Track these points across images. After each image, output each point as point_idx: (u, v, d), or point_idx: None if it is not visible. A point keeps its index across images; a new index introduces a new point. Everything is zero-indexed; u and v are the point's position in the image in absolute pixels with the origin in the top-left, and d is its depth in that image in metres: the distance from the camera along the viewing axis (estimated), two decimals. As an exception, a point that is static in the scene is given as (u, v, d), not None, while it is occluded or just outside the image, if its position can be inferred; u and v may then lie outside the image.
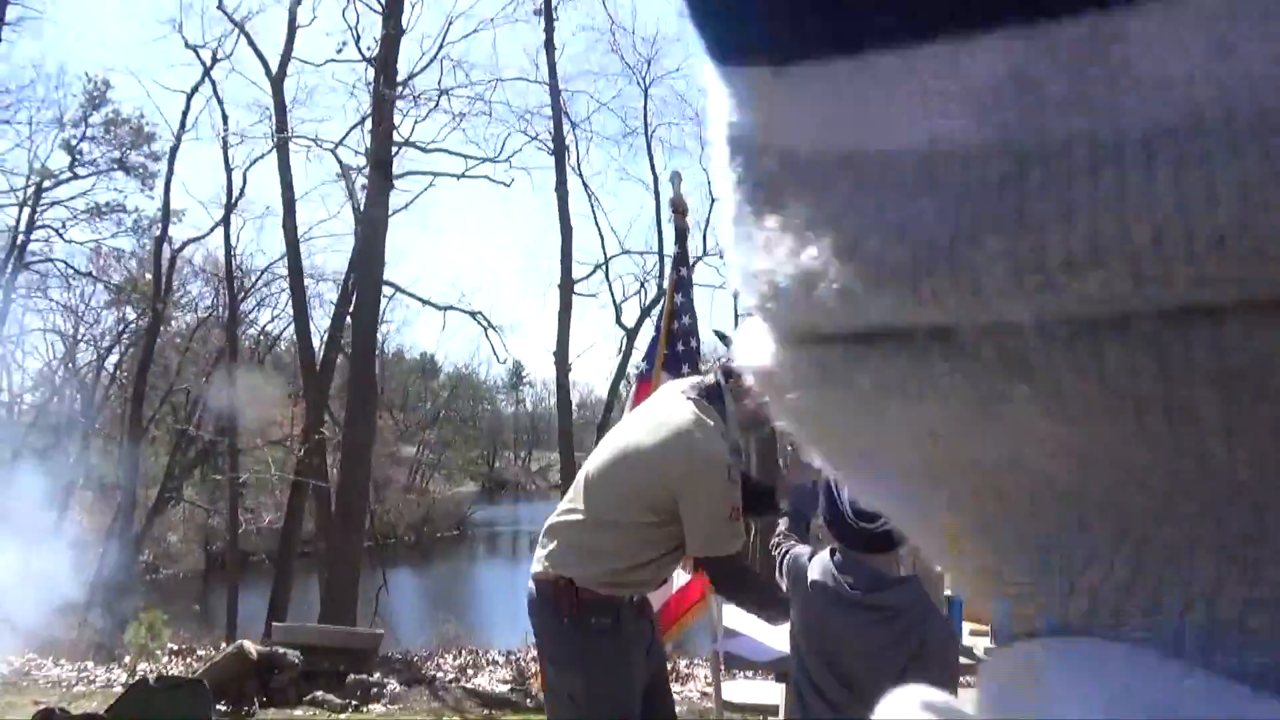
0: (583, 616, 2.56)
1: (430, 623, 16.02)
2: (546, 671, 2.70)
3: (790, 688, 3.58)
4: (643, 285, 19.45)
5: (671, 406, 2.66)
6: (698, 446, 2.44)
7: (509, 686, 6.72)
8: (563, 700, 2.64)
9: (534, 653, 8.33)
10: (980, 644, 2.95)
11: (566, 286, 12.55)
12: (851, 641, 2.01)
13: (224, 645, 7.71)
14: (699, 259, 16.33)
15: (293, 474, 13.91)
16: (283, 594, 13.77)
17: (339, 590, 11.17)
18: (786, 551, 2.30)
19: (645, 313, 19.19)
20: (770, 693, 3.99)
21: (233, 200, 15.31)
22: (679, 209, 3.62)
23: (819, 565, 2.09)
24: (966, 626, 3.04)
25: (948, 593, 3.09)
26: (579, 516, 2.64)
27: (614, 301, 18.69)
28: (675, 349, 3.55)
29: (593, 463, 2.72)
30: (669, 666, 3.10)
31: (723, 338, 3.05)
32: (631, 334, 18.61)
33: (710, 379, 2.70)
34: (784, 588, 2.26)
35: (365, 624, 12.49)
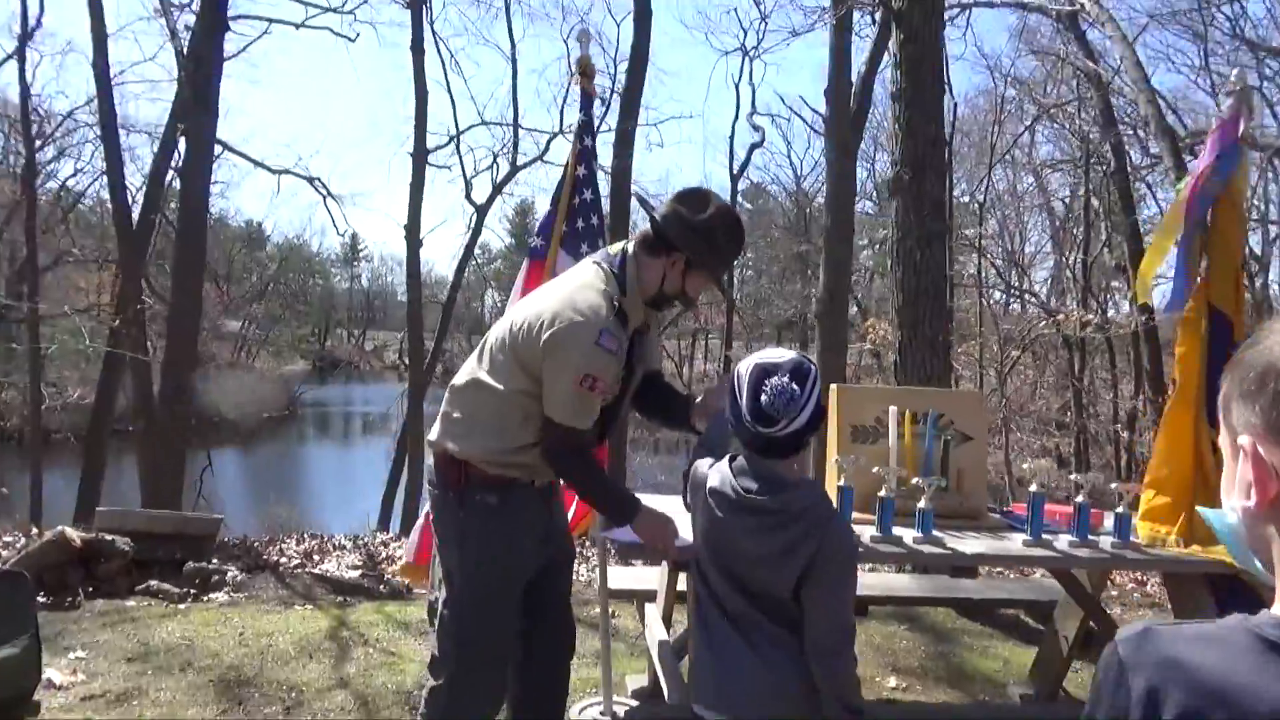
0: (468, 491, 2.44)
1: (258, 507, 15.39)
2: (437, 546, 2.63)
3: (670, 574, 3.56)
4: (495, 160, 18.66)
5: (575, 271, 2.56)
6: (573, 305, 2.33)
7: (359, 572, 6.49)
8: (444, 577, 2.56)
9: (383, 537, 8.12)
10: (866, 532, 2.97)
11: (420, 155, 11.77)
12: (746, 546, 1.93)
13: (34, 532, 7.05)
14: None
15: (106, 345, 12.72)
16: (94, 476, 12.77)
17: (163, 473, 10.45)
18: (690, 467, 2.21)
19: (497, 190, 18.53)
20: (648, 578, 3.98)
21: (28, 29, 13.31)
22: (585, 71, 3.31)
23: (718, 472, 2.01)
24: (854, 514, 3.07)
25: (841, 483, 3.10)
26: (468, 380, 2.52)
27: (464, 176, 17.87)
28: (575, 225, 3.31)
29: (494, 330, 2.57)
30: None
31: (645, 203, 2.86)
32: (482, 211, 17.95)
33: (618, 246, 2.54)
34: (686, 500, 2.15)
35: (188, 509, 11.82)
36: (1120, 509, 3.12)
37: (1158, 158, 15.10)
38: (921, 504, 3.05)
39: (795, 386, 1.88)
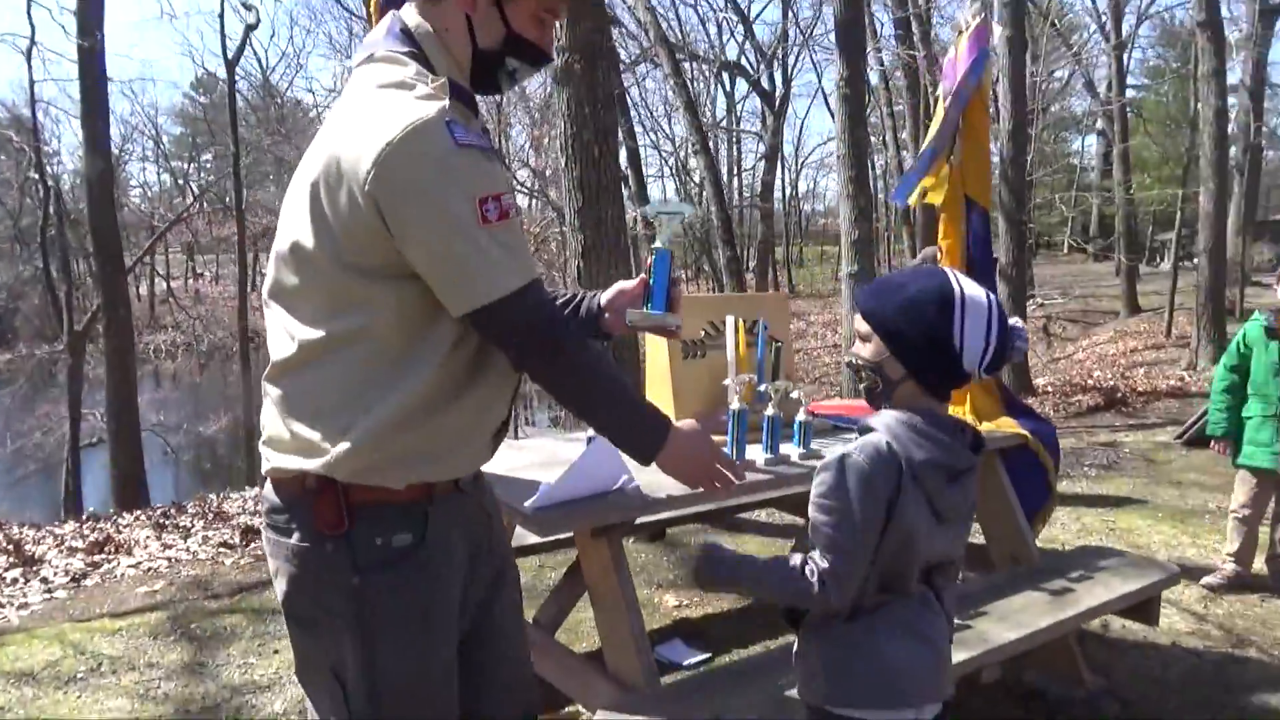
0: (359, 533, 1.44)
1: None
2: (292, 634, 1.54)
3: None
4: None
5: (347, 94, 1.49)
6: (378, 116, 1.37)
7: None
8: (321, 685, 1.51)
9: None
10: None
11: None
12: (954, 514, 1.58)
13: None
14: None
15: None
16: None
17: None
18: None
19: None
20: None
21: None
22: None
23: (907, 438, 1.49)
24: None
25: (735, 406, 2.78)
26: (295, 340, 1.45)
27: None
28: None
29: (276, 253, 1.49)
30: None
31: None
32: None
33: (381, 26, 1.54)
34: (837, 509, 1.49)
35: None
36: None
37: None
38: (800, 416, 2.88)
39: None
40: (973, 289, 1.52)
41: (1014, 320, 1.59)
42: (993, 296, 1.53)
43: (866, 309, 1.56)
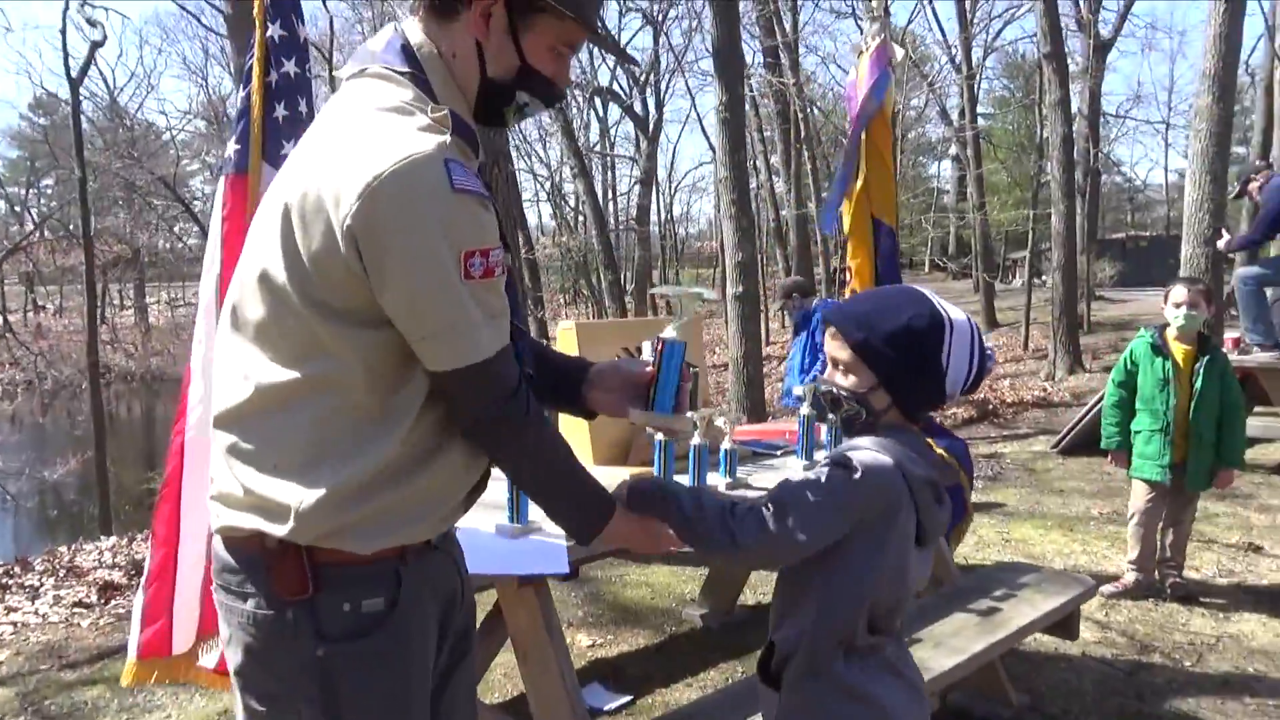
0: (324, 600, 1.28)
1: None
2: (246, 709, 1.34)
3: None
4: None
5: (336, 107, 1.33)
6: (373, 145, 1.20)
7: None
8: None
9: None
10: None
11: None
12: (934, 542, 1.54)
13: None
14: None
15: None
16: None
17: None
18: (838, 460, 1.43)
19: None
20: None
21: None
22: None
23: (904, 456, 1.42)
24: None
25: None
26: (248, 388, 1.28)
27: None
28: (272, 116, 2.15)
29: (232, 287, 1.33)
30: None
31: None
32: None
33: (380, 37, 1.37)
34: (837, 513, 1.40)
35: None
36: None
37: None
38: (725, 444, 2.77)
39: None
40: (956, 313, 1.45)
41: (981, 337, 1.53)
42: (970, 319, 1.47)
43: (855, 340, 1.46)
